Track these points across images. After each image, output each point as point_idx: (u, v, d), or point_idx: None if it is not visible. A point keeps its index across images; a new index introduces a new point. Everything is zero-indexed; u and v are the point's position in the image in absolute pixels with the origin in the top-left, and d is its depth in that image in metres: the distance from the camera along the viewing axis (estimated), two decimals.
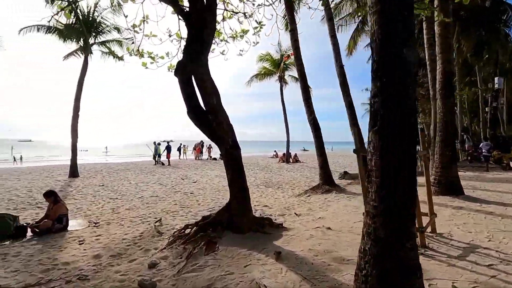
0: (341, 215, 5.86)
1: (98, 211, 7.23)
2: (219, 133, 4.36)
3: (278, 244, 4.04)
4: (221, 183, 11.96)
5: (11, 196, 8.81)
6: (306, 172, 16.47)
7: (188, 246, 4.04)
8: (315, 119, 9.34)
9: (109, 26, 14.78)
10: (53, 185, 11.14)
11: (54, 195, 5.67)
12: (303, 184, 11.69)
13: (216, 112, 4.22)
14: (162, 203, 8.21)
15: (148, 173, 15.37)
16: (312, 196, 8.41)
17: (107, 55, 15.64)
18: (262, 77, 23.52)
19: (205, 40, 3.97)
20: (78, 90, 14.24)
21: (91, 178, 13.12)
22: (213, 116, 4.23)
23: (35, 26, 13.30)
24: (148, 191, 10.08)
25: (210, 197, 9.01)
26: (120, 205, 7.98)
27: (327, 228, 4.69)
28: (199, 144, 25.95)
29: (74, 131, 14.14)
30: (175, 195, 9.38)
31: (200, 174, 15.22)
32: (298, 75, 9.59)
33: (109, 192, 9.90)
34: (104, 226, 5.91)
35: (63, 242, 4.89)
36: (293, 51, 9.65)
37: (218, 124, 4.28)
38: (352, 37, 18.53)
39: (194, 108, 4.51)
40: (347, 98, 10.95)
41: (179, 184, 11.78)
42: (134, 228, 5.67)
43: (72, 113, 14.16)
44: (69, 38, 13.96)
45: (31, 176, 13.65)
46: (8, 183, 11.32)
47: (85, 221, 6.16)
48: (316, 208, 6.82)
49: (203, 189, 10.67)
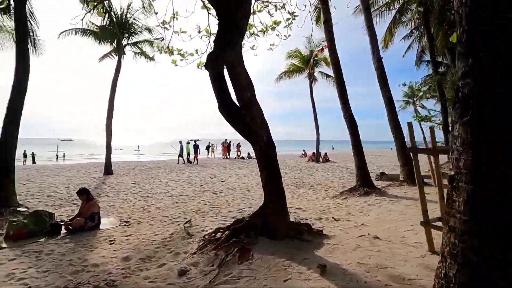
0: (387, 221, 5.23)
1: (130, 209, 7.21)
2: (253, 130, 3.98)
3: (320, 254, 3.58)
4: (250, 183, 11.66)
5: (50, 193, 9.16)
6: (338, 172, 15.66)
7: (220, 252, 3.71)
8: (351, 116, 8.66)
9: (140, 27, 15.10)
10: (89, 182, 11.53)
11: (87, 193, 5.67)
12: (337, 185, 11.02)
13: (250, 107, 3.84)
14: (192, 202, 8.05)
15: (178, 171, 15.50)
16: (349, 198, 7.78)
17: (139, 56, 16.00)
18: (291, 74, 22.90)
19: (239, 26, 3.60)
20: (112, 90, 14.70)
21: (124, 176, 13.45)
22: (246, 111, 3.86)
23: (73, 29, 13.91)
24: (178, 190, 10.03)
25: (239, 197, 8.72)
26: (150, 203, 7.94)
27: (374, 237, 4.13)
28: (225, 142, 25.91)
29: (109, 130, 14.62)
30: (204, 194, 9.21)
31: (228, 173, 15.05)
32: (333, 69, 8.97)
33: (141, 190, 9.98)
34: (134, 225, 5.81)
35: (94, 242, 4.81)
36: (327, 44, 9.04)
37: (252, 120, 3.90)
38: (389, 29, 17.35)
39: (226, 103, 4.17)
40: (386, 94, 10.13)
41: (208, 183, 11.65)
42: (164, 229, 5.50)
43: (107, 112, 14.65)
44: (104, 40, 14.44)
45: (69, 173, 14.33)
46: (49, 180, 11.91)
47: (116, 220, 6.12)
48: (355, 212, 6.22)
49: (232, 188, 10.43)
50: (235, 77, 3.75)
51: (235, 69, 3.68)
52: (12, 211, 6.28)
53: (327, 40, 9.05)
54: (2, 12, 9.12)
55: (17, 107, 7.09)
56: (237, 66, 3.69)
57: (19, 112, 7.19)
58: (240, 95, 3.81)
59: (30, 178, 12.38)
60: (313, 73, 22.40)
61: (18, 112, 7.13)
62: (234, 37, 3.59)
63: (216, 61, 4.12)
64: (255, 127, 3.96)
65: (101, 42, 14.76)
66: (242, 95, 3.79)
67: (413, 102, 37.79)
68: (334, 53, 8.95)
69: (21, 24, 7.54)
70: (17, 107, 7.11)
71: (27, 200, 8.06)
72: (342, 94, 8.78)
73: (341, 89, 8.81)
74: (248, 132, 4.08)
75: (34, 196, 8.65)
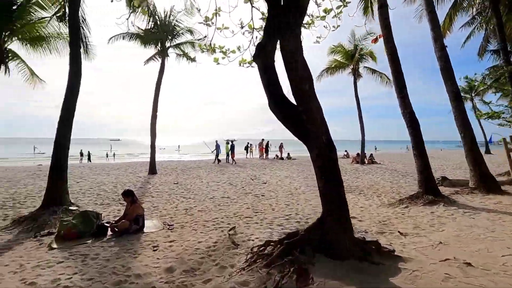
0: (471, 241, 4.28)
1: (172, 211, 7.07)
2: (310, 128, 3.39)
3: (398, 284, 2.87)
4: (292, 185, 11.04)
5: (100, 191, 9.50)
6: (387, 175, 14.30)
7: (273, 271, 3.20)
8: (412, 113, 7.59)
9: (182, 28, 15.29)
10: (134, 181, 11.86)
11: (132, 195, 5.57)
12: (389, 190, 9.91)
13: (307, 102, 3.27)
14: (234, 205, 7.70)
15: (218, 172, 15.42)
16: (412, 207, 6.77)
17: (181, 57, 16.25)
18: (334, 71, 21.66)
19: (300, 3, 3.05)
20: (156, 91, 15.10)
21: (167, 176, 13.68)
22: (303, 106, 3.29)
23: (121, 34, 14.54)
24: (219, 191, 9.79)
25: (283, 202, 8.16)
26: (192, 205, 7.75)
27: (465, 264, 3.28)
28: (262, 143, 25.37)
29: (153, 130, 15.03)
30: (246, 197, 8.82)
31: (269, 174, 14.57)
32: (389, 60, 7.96)
33: (183, 190, 9.93)
34: (177, 229, 5.57)
35: (138, 247, 4.62)
36: (383, 32, 8.05)
37: (309, 117, 3.32)
38: (448, 15, 15.41)
39: (277, 98, 3.66)
40: (451, 88, 8.81)
41: (249, 184, 11.28)
42: (207, 235, 5.16)
43: (151, 113, 15.08)
44: (148, 43, 14.88)
45: (118, 172, 15.02)
46: (99, 178, 12.52)
47: (160, 223, 5.95)
48: (424, 226, 5.29)
49: (274, 191, 9.91)
50: (293, 66, 3.19)
51: (294, 56, 3.13)
52: (64, 210, 6.45)
53: (383, 28, 8.07)
54: (59, 19, 9.66)
55: (70, 108, 7.35)
56: (296, 53, 3.14)
57: (72, 112, 7.45)
58: (297, 87, 3.26)
59: (83, 176, 13.16)
60: (357, 69, 20.97)
61: (71, 113, 7.39)
62: (294, 18, 3.03)
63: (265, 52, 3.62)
64: (313, 126, 3.38)
65: (146, 46, 15.23)
66: (300, 87, 3.22)
67: (471, 98, 33.75)
68: (390, 43, 7.95)
69: (74, 28, 7.83)
70: (70, 108, 7.36)
71: (79, 198, 8.40)
72: (401, 88, 7.74)
73: (398, 83, 7.78)
74: (304, 131, 3.51)
75: (85, 194, 9.02)
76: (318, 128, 3.38)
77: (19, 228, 5.80)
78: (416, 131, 7.53)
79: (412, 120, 7.56)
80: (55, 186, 6.80)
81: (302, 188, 10.53)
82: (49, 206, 6.48)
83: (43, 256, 4.30)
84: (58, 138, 7.10)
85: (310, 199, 8.58)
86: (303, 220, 6.13)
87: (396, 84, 7.85)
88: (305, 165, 19.71)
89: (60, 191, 6.82)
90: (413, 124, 7.55)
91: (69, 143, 7.34)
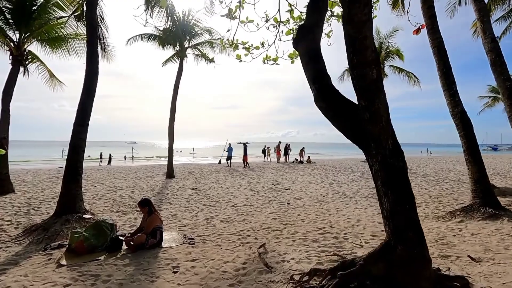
0: None
1: (192, 221, 6.45)
2: (372, 130, 2.63)
3: None
4: (318, 192, 10.20)
5: (116, 197, 9.07)
6: (419, 181, 13.13)
7: None
8: (463, 112, 6.60)
9: (201, 28, 14.86)
10: (152, 186, 11.41)
11: (148, 205, 4.96)
12: (430, 199, 8.88)
13: (374, 95, 2.52)
14: (258, 215, 6.99)
15: (237, 176, 14.78)
16: (468, 222, 5.80)
17: (199, 58, 15.81)
18: None
19: None
20: (174, 93, 14.71)
21: (185, 180, 13.18)
22: (367, 101, 2.54)
23: (139, 35, 14.28)
24: (241, 198, 9.11)
25: (313, 211, 7.36)
26: (214, 214, 7.11)
27: None
28: (279, 145, 24.45)
29: (171, 133, 14.62)
30: (271, 205, 8.08)
31: (290, 179, 13.77)
32: (435, 54, 7.01)
33: (202, 197, 9.33)
34: (199, 244, 4.91)
35: (156, 266, 3.99)
36: (426, 22, 7.13)
37: (375, 115, 2.56)
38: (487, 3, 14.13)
39: (326, 91, 2.93)
40: (504, 83, 7.72)
41: (271, 190, 10.55)
42: (233, 253, 4.48)
43: (169, 115, 14.68)
44: (167, 43, 14.53)
45: (135, 175, 14.70)
46: (117, 182, 12.18)
47: (179, 236, 5.32)
48: (497, 248, 4.35)
49: (299, 198, 9.13)
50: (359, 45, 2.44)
51: (362, 30, 2.38)
52: (78, 219, 5.98)
53: (426, 18, 7.15)
54: (77, 19, 9.40)
55: (86, 108, 6.92)
56: (365, 26, 2.39)
57: (89, 113, 7.02)
58: (361, 75, 2.51)
59: (101, 179, 12.88)
60: (383, 68, 19.84)
61: (87, 113, 6.96)
62: None
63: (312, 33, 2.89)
64: (375, 126, 2.62)
65: (165, 47, 14.91)
66: (366, 73, 2.48)
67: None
68: (436, 33, 7.01)
69: (92, 27, 7.42)
70: (87, 108, 6.93)
71: (94, 204, 7.96)
72: (449, 85, 6.78)
73: (447, 78, 6.82)
74: (362, 133, 2.75)
75: (102, 200, 8.59)
76: (383, 129, 2.62)
77: (29, 238, 5.35)
78: (469, 133, 6.54)
79: (464, 120, 6.57)
80: (68, 191, 6.34)
81: (330, 195, 9.68)
82: (62, 214, 6.01)
83: (49, 276, 3.76)
84: (74, 139, 6.66)
85: (341, 208, 7.75)
86: (341, 236, 5.33)
87: (444, 80, 6.89)
88: (327, 169, 18.74)
89: (74, 198, 6.35)
90: (465, 125, 6.57)
91: (85, 144, 6.90)
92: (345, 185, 12.01)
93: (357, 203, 8.45)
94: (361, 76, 2.49)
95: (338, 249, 4.64)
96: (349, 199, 9.05)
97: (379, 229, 5.65)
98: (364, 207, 7.92)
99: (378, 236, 5.21)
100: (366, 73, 2.46)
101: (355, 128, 2.84)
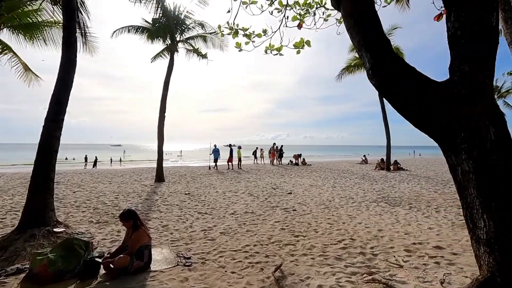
0: None
1: (187, 233, 5.45)
2: (468, 112, 1.78)
3: None
4: (323, 196, 9.36)
5: (98, 204, 7.94)
6: (424, 183, 12.52)
7: None
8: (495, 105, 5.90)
9: (194, 21, 13.88)
10: (139, 191, 10.29)
11: (133, 218, 3.94)
12: (445, 203, 8.19)
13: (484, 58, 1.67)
14: (263, 225, 6.06)
15: (233, 179, 13.79)
16: None
17: (191, 53, 14.81)
18: (354, 69, 20.00)
19: None
20: (164, 90, 13.64)
21: (176, 184, 12.09)
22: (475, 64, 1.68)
23: (126, 27, 13.17)
24: (240, 204, 8.15)
25: (323, 219, 6.49)
26: (211, 224, 6.13)
27: None
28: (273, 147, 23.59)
29: (161, 133, 13.50)
30: (275, 213, 7.16)
31: (290, 182, 12.90)
32: None
33: (196, 203, 8.32)
34: (198, 266, 3.93)
35: None
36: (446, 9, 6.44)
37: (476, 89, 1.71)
38: None
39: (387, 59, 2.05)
40: None
41: (272, 195, 9.63)
42: (243, 278, 3.53)
43: (159, 115, 13.59)
44: (156, 36, 13.47)
45: (121, 179, 13.50)
46: (100, 187, 10.99)
47: (172, 255, 4.32)
48: None
49: (305, 204, 8.24)
50: None
51: None
52: (47, 233, 4.90)
53: None
54: (53, 2, 8.28)
55: (61, 101, 5.86)
56: None
57: (64, 107, 5.95)
58: (471, 19, 1.64)
59: (82, 184, 11.65)
60: None
61: (62, 107, 5.90)
62: None
63: None
64: (475, 108, 1.76)
65: (154, 40, 13.83)
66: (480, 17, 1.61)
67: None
68: None
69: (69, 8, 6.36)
70: (62, 101, 5.87)
71: (70, 214, 6.84)
72: None
73: None
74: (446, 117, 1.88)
75: (80, 208, 7.46)
76: (484, 111, 1.77)
77: None
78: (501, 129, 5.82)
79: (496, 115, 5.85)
80: (36, 200, 5.24)
81: (336, 200, 8.85)
82: (27, 228, 4.91)
83: None
84: (45, 137, 5.57)
85: (353, 215, 6.91)
86: (368, 251, 4.47)
87: None
88: (325, 171, 18.00)
89: (43, 207, 5.26)
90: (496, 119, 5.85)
91: (58, 144, 5.81)
92: (349, 188, 11.23)
93: (368, 208, 7.64)
94: (470, 24, 1.63)
95: (371, 269, 3.77)
96: (358, 204, 8.24)
97: (410, 242, 4.82)
98: (378, 213, 7.11)
99: (413, 252, 4.37)
100: (483, 19, 1.60)
101: (430, 110, 1.97)
